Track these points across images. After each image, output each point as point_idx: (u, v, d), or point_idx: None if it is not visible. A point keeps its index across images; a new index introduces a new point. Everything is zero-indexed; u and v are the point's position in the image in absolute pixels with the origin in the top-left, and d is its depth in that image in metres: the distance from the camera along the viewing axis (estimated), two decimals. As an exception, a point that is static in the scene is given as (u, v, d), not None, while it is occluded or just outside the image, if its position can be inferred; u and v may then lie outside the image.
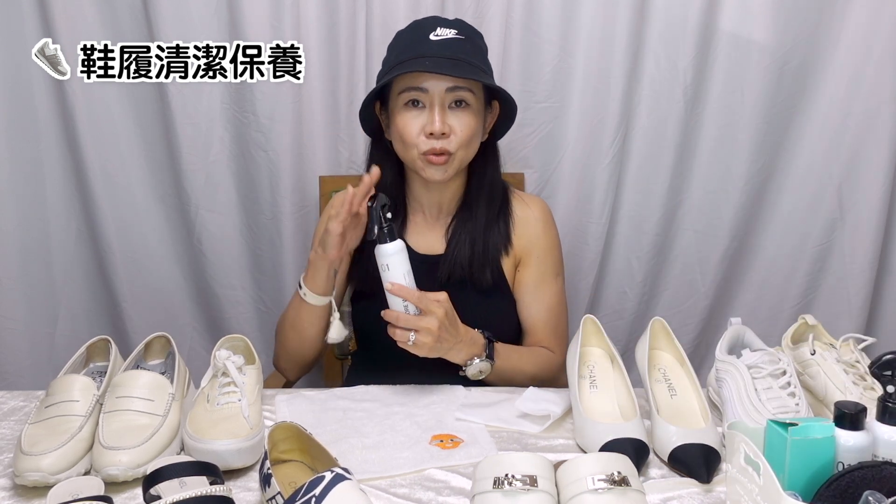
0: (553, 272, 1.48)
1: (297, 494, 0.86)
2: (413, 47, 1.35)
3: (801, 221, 1.93)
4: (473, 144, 1.38)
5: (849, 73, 1.83)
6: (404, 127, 1.35)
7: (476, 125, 1.36)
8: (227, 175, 1.87)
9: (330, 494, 0.84)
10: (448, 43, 1.33)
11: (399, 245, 1.27)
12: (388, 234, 1.27)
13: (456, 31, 1.35)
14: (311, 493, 0.85)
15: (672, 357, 1.25)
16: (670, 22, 1.80)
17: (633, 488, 0.88)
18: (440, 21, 1.38)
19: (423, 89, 1.33)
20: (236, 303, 1.94)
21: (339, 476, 0.87)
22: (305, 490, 0.85)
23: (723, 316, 1.97)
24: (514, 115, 1.42)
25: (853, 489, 0.83)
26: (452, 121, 1.34)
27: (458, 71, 1.31)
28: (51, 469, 0.97)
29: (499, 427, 1.19)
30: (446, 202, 1.46)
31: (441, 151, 1.33)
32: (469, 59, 1.34)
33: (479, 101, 1.37)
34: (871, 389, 1.17)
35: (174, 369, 1.18)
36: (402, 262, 1.27)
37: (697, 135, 1.88)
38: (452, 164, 1.36)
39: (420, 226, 1.48)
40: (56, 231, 1.91)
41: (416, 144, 1.35)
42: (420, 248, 1.45)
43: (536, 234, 1.47)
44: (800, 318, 1.32)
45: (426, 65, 1.31)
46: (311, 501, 0.84)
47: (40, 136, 1.85)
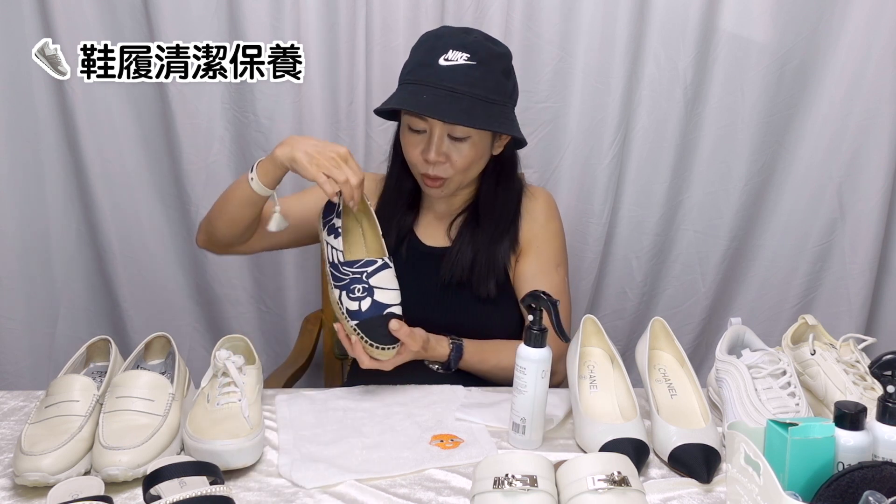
0: (553, 262, 1.47)
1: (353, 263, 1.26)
2: (420, 69, 1.33)
3: (801, 221, 1.93)
4: (473, 169, 1.39)
5: (849, 73, 1.83)
6: (406, 147, 1.38)
7: (476, 154, 1.36)
8: (227, 175, 1.87)
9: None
10: (455, 71, 1.30)
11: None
12: None
13: (468, 55, 1.30)
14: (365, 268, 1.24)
15: (672, 357, 1.25)
16: (670, 22, 1.80)
17: (633, 488, 0.88)
18: (455, 41, 1.32)
19: (422, 118, 1.33)
20: (236, 303, 1.94)
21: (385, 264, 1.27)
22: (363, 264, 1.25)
23: (723, 316, 1.98)
24: (523, 142, 1.42)
25: (853, 489, 0.83)
26: (450, 150, 1.34)
27: (449, 113, 1.28)
28: (51, 469, 0.97)
29: (499, 427, 1.19)
30: (456, 203, 1.48)
31: (436, 177, 1.36)
32: (473, 91, 1.30)
33: (483, 131, 1.35)
34: (871, 389, 1.17)
35: (174, 369, 1.18)
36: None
37: (697, 135, 1.88)
38: (449, 187, 1.39)
39: (430, 219, 1.49)
40: (56, 231, 1.91)
41: (416, 165, 1.37)
42: (426, 240, 1.47)
43: (540, 224, 1.47)
44: (800, 318, 1.32)
45: (422, 103, 1.30)
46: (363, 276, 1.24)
47: (40, 135, 1.85)
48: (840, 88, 1.84)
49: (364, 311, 1.24)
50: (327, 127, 1.83)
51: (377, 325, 1.24)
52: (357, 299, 1.24)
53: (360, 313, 1.24)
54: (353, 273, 1.26)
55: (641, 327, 1.62)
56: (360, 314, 1.24)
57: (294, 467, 1.05)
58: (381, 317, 1.24)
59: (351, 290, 1.25)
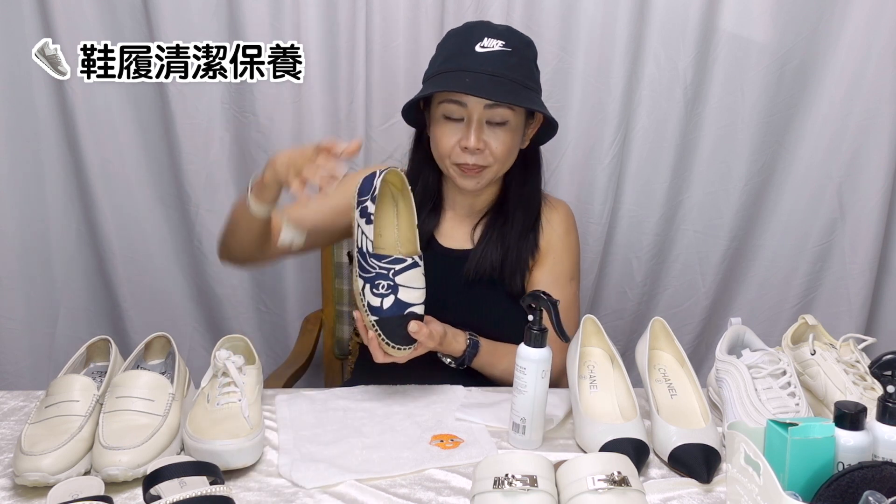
0: (568, 275, 1.47)
1: (382, 258, 1.24)
2: (458, 58, 1.33)
3: (801, 221, 1.93)
4: (510, 159, 1.38)
5: (849, 73, 1.83)
6: (441, 137, 1.36)
7: (513, 142, 1.36)
8: (227, 175, 1.87)
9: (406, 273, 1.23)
10: (493, 56, 1.31)
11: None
12: None
13: (503, 42, 1.32)
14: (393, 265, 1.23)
15: (672, 357, 1.25)
16: (670, 22, 1.80)
17: (633, 488, 0.88)
18: (490, 30, 1.35)
19: (461, 104, 1.32)
20: (236, 303, 1.94)
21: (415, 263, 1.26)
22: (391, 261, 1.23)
23: (723, 316, 1.98)
24: (555, 128, 1.42)
25: (853, 489, 0.83)
26: (489, 137, 1.34)
27: (496, 94, 1.29)
28: (51, 469, 0.97)
29: (499, 427, 1.19)
30: (479, 204, 1.47)
31: (474, 165, 1.34)
32: (512, 75, 1.32)
33: (519, 117, 1.36)
34: (871, 389, 1.17)
35: (174, 369, 1.18)
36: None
37: (697, 135, 1.88)
38: (486, 176, 1.37)
39: (450, 221, 1.48)
40: (56, 231, 1.91)
41: (451, 156, 1.36)
42: (446, 242, 1.46)
43: (558, 235, 1.47)
44: (800, 318, 1.32)
45: (466, 84, 1.30)
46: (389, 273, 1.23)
47: (40, 135, 1.85)
48: (840, 88, 1.84)
49: (385, 308, 1.23)
50: (327, 127, 1.83)
51: (396, 325, 1.23)
52: (380, 296, 1.23)
53: (382, 310, 1.23)
54: (381, 268, 1.24)
55: (641, 327, 1.62)
56: (382, 311, 1.23)
57: (294, 467, 1.05)
58: (402, 317, 1.23)
59: (375, 286, 1.24)
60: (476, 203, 1.47)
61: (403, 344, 1.24)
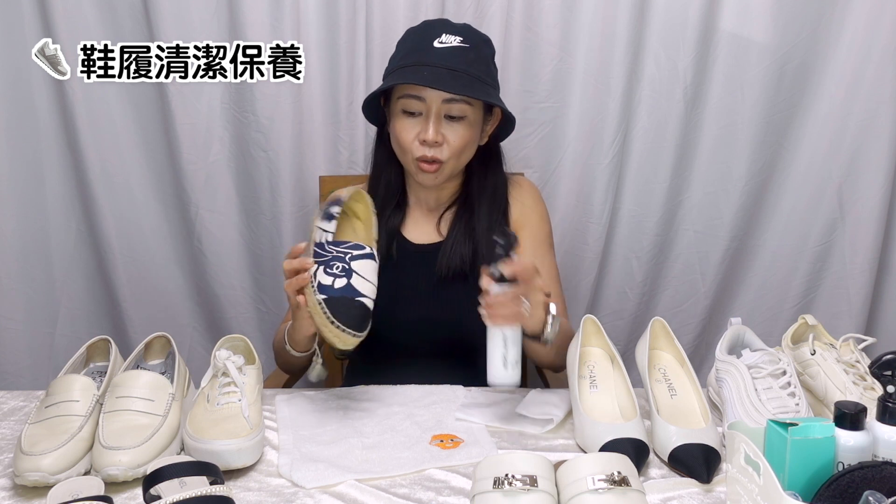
0: (547, 242, 1.50)
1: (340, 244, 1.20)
2: (416, 53, 1.35)
3: (801, 221, 1.93)
4: (466, 153, 1.40)
5: (849, 73, 1.83)
6: (400, 132, 1.37)
7: (470, 136, 1.38)
8: (227, 175, 1.87)
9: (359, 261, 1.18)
10: (451, 52, 1.33)
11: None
12: None
13: (461, 38, 1.35)
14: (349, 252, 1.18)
15: (672, 357, 1.25)
16: (670, 22, 1.80)
17: (633, 488, 0.88)
18: (447, 27, 1.38)
19: (420, 98, 1.34)
20: (236, 303, 1.94)
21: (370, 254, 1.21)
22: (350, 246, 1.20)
23: (723, 316, 1.97)
24: (513, 124, 1.43)
25: (853, 489, 0.83)
26: (447, 131, 1.35)
27: (454, 87, 1.31)
28: (51, 469, 0.97)
29: (499, 427, 1.19)
30: (443, 197, 1.49)
31: (433, 160, 1.36)
32: (471, 70, 1.33)
33: (478, 112, 1.38)
34: (871, 389, 1.17)
35: (174, 369, 1.18)
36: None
37: (697, 135, 1.88)
38: (443, 172, 1.39)
39: (415, 216, 1.50)
40: (56, 231, 1.91)
41: (411, 150, 1.37)
42: (413, 237, 1.47)
43: (528, 206, 1.49)
44: (800, 318, 1.33)
45: (424, 77, 1.31)
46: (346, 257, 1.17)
47: (40, 136, 1.85)
48: (840, 88, 1.83)
49: (336, 288, 1.14)
50: (327, 127, 1.83)
51: (346, 305, 1.13)
52: (333, 276, 1.15)
53: (332, 289, 1.14)
54: (338, 252, 1.18)
55: (641, 327, 1.62)
56: (332, 290, 1.14)
57: (294, 467, 1.05)
58: (352, 300, 1.14)
59: (330, 266, 1.16)
60: (440, 196, 1.48)
61: (350, 326, 1.12)
